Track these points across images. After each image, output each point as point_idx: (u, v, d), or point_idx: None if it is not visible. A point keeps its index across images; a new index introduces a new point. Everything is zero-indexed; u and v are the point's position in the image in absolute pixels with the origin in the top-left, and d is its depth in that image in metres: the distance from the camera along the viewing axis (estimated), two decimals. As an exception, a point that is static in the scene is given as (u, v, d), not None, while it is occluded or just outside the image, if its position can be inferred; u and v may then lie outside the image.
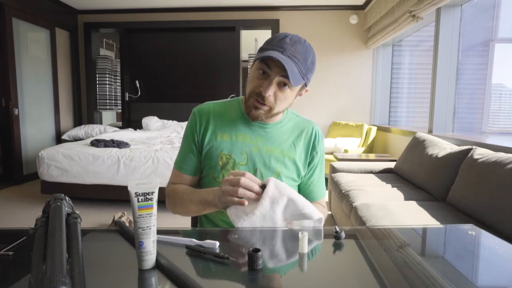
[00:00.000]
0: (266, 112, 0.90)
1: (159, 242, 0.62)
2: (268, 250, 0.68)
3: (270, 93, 0.85)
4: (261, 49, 0.88)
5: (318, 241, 0.76)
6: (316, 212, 0.79)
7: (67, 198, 0.70)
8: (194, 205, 0.90)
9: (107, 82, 5.21)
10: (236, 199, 0.76)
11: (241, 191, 0.75)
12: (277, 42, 0.86)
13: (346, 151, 3.78)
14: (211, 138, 0.96)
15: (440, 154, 2.12)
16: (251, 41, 5.34)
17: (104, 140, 3.30)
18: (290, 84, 0.84)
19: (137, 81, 5.10)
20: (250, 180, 0.76)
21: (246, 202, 0.76)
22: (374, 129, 4.11)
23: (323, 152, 1.05)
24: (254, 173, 0.95)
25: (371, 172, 2.79)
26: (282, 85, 0.86)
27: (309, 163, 1.01)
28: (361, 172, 2.78)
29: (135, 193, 0.57)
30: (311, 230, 0.79)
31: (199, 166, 1.00)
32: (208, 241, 0.67)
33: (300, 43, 0.86)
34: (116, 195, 3.04)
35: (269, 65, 0.85)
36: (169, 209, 1.00)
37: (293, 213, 0.78)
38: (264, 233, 0.76)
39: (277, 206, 0.77)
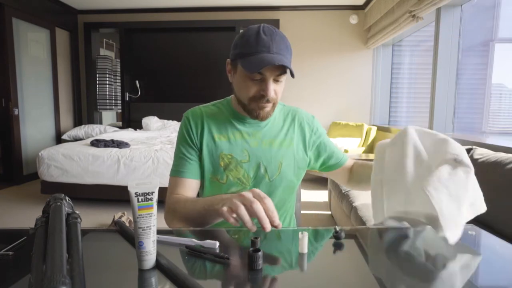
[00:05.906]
0: (272, 108, 0.92)
1: (159, 242, 0.62)
2: (268, 250, 0.67)
3: (272, 93, 0.87)
4: (243, 55, 0.85)
5: (318, 241, 0.76)
6: (467, 159, 0.69)
7: (67, 198, 0.70)
8: (199, 217, 0.83)
9: (107, 82, 5.21)
10: (267, 224, 0.66)
11: (263, 218, 0.66)
12: (255, 42, 0.83)
13: (346, 151, 3.78)
14: (208, 141, 0.95)
15: (440, 154, 2.12)
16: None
17: (104, 140, 3.30)
18: (286, 75, 0.86)
19: (137, 81, 5.10)
20: (261, 209, 0.66)
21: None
22: (374, 129, 4.11)
23: (321, 127, 1.07)
24: (257, 168, 0.95)
25: (371, 172, 2.78)
26: (276, 79, 0.88)
27: (318, 145, 1.04)
28: (361, 172, 2.77)
29: (135, 193, 0.57)
30: (311, 230, 0.79)
31: (199, 169, 0.97)
32: (208, 241, 0.67)
33: (274, 33, 0.85)
34: (116, 195, 3.04)
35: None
36: (168, 225, 0.90)
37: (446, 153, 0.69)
38: (264, 233, 0.76)
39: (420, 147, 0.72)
